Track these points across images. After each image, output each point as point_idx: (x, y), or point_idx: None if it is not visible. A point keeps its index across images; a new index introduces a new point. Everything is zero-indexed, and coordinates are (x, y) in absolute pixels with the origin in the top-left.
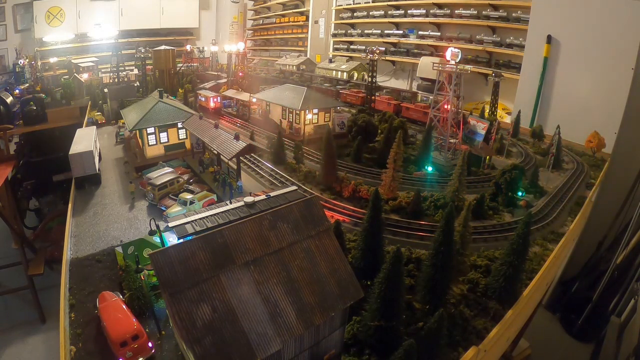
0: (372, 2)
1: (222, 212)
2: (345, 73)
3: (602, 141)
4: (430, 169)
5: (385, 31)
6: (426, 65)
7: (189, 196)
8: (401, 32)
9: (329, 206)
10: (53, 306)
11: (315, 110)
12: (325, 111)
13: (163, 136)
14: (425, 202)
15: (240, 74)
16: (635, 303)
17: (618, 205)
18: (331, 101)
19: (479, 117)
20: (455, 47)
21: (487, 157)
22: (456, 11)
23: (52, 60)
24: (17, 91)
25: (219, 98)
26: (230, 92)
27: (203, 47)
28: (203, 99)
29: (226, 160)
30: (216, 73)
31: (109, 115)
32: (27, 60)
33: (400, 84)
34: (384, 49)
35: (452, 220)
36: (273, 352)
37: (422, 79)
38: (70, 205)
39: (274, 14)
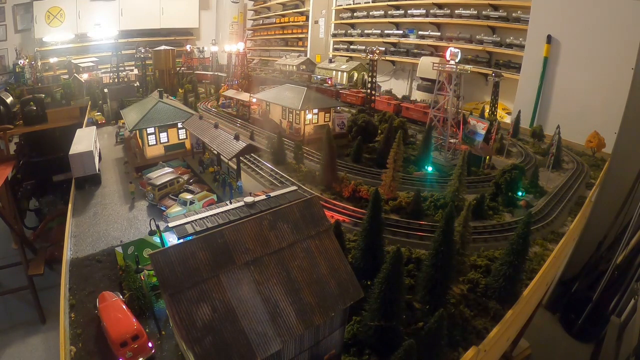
0: (372, 2)
1: (222, 212)
2: (345, 73)
3: (602, 141)
4: (430, 169)
5: (385, 31)
6: (426, 65)
7: (189, 196)
8: (401, 32)
9: (329, 206)
10: (53, 306)
11: (315, 111)
12: (325, 111)
13: (163, 136)
14: (425, 202)
15: (240, 74)
16: (636, 303)
17: (618, 205)
18: (331, 101)
19: (479, 117)
20: (455, 47)
21: (487, 157)
22: (456, 11)
23: (52, 60)
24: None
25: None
26: (230, 92)
27: (203, 47)
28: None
29: (226, 161)
30: (216, 73)
31: (109, 116)
32: (27, 60)
33: (400, 84)
34: (383, 49)
35: (452, 220)
36: (273, 352)
37: (422, 79)
38: (70, 206)
39: (274, 14)
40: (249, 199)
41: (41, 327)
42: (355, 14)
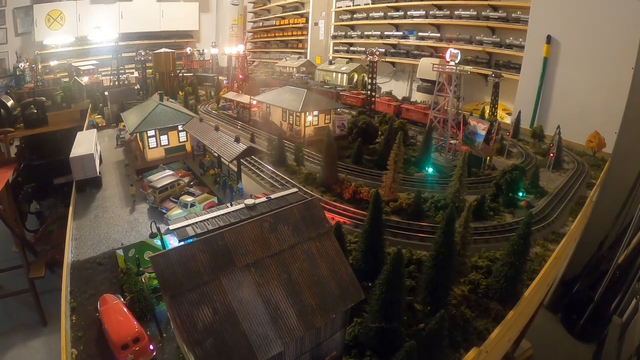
0: (372, 3)
1: (222, 214)
2: (345, 75)
3: (602, 141)
4: (430, 170)
5: (385, 32)
6: (426, 67)
7: (189, 199)
8: (401, 33)
9: (330, 208)
10: (54, 309)
11: (316, 112)
12: (326, 113)
13: (163, 139)
14: (426, 203)
15: (241, 76)
16: (637, 303)
17: (619, 204)
18: (331, 103)
19: (479, 118)
20: (454, 48)
21: (488, 157)
22: (456, 12)
23: (53, 63)
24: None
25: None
26: (230, 95)
27: (203, 50)
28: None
29: (227, 163)
30: (201, 74)
31: (110, 118)
32: (28, 63)
33: (400, 85)
34: (383, 50)
35: (452, 221)
36: (274, 354)
37: (422, 80)
38: (71, 208)
39: (273, 16)
40: (249, 201)
41: (42, 329)
42: (354, 15)
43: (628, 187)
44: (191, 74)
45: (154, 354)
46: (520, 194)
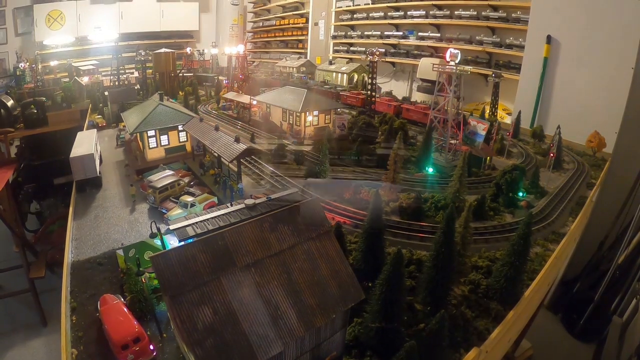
0: (372, 3)
1: (222, 214)
2: (345, 75)
3: (602, 141)
4: (430, 170)
5: (385, 32)
6: (426, 67)
7: (189, 199)
8: (401, 33)
9: (330, 208)
10: (54, 309)
11: (316, 112)
12: (326, 113)
13: (164, 139)
14: (426, 203)
15: (241, 76)
16: (637, 303)
17: (619, 204)
18: (331, 103)
19: (479, 118)
20: (454, 48)
21: (488, 157)
22: (456, 12)
23: (53, 63)
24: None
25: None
26: (230, 95)
27: (203, 50)
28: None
29: (227, 163)
30: (215, 75)
31: (110, 118)
32: (28, 63)
33: (401, 85)
34: (383, 50)
35: (452, 221)
36: (274, 355)
37: (422, 80)
38: (71, 209)
39: (273, 16)
40: (249, 201)
41: (42, 329)
42: (355, 15)
43: (628, 187)
44: (191, 74)
45: (154, 354)
46: (521, 194)
